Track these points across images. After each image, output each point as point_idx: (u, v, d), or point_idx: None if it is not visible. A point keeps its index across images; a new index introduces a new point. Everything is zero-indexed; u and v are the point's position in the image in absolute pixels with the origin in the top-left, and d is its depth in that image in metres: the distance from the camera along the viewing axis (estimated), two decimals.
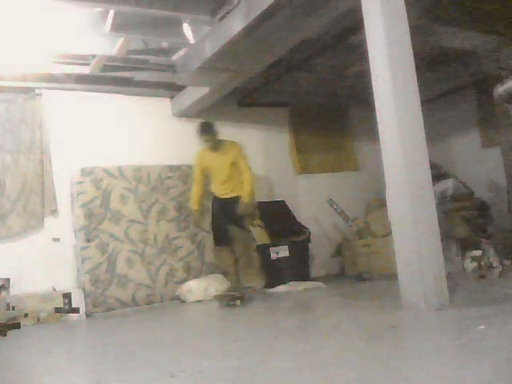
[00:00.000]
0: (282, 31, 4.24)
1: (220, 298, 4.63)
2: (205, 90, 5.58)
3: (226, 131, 6.48)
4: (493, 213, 6.07)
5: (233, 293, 4.55)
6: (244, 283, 5.04)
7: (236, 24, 4.14)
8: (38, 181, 5.39)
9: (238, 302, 4.47)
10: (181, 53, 5.11)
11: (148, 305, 5.34)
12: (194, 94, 5.79)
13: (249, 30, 4.11)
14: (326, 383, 1.93)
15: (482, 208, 6.04)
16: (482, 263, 4.85)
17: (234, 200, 4.63)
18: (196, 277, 5.56)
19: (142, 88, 5.87)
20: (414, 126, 3.31)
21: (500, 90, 4.73)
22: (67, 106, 5.61)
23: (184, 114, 6.22)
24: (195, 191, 4.93)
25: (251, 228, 5.95)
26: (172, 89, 5.99)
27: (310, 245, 6.17)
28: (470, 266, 5.09)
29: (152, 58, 5.19)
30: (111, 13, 4.20)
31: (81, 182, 5.30)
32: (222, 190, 4.76)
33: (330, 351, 2.47)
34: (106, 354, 3.03)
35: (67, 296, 4.92)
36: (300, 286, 5.40)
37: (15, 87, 5.34)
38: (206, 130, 4.72)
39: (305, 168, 7.02)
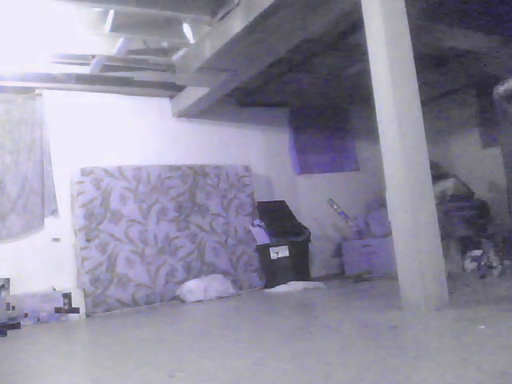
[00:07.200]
0: (281, 31, 4.24)
1: None
2: (205, 90, 5.58)
3: (226, 131, 6.55)
4: (493, 213, 6.07)
5: None
6: None
7: (236, 24, 4.14)
8: (38, 181, 5.39)
9: None
10: (181, 53, 5.11)
11: (148, 305, 5.33)
12: (194, 93, 5.79)
13: (249, 30, 4.10)
14: (326, 383, 1.93)
15: (482, 208, 6.04)
16: (482, 263, 4.85)
17: None
18: (196, 277, 5.56)
19: (141, 88, 5.87)
20: (413, 125, 3.31)
21: (500, 90, 4.73)
22: (67, 106, 5.60)
23: (184, 114, 6.22)
24: None
25: (250, 228, 5.97)
26: (172, 89, 5.99)
27: (309, 245, 6.18)
28: (470, 266, 5.09)
29: (152, 58, 5.19)
30: (111, 13, 4.21)
31: (81, 182, 5.29)
32: None
33: (330, 351, 2.47)
34: (105, 354, 3.03)
35: (67, 296, 4.92)
36: (300, 285, 5.40)
37: (15, 87, 5.34)
38: None
39: (305, 168, 7.02)
